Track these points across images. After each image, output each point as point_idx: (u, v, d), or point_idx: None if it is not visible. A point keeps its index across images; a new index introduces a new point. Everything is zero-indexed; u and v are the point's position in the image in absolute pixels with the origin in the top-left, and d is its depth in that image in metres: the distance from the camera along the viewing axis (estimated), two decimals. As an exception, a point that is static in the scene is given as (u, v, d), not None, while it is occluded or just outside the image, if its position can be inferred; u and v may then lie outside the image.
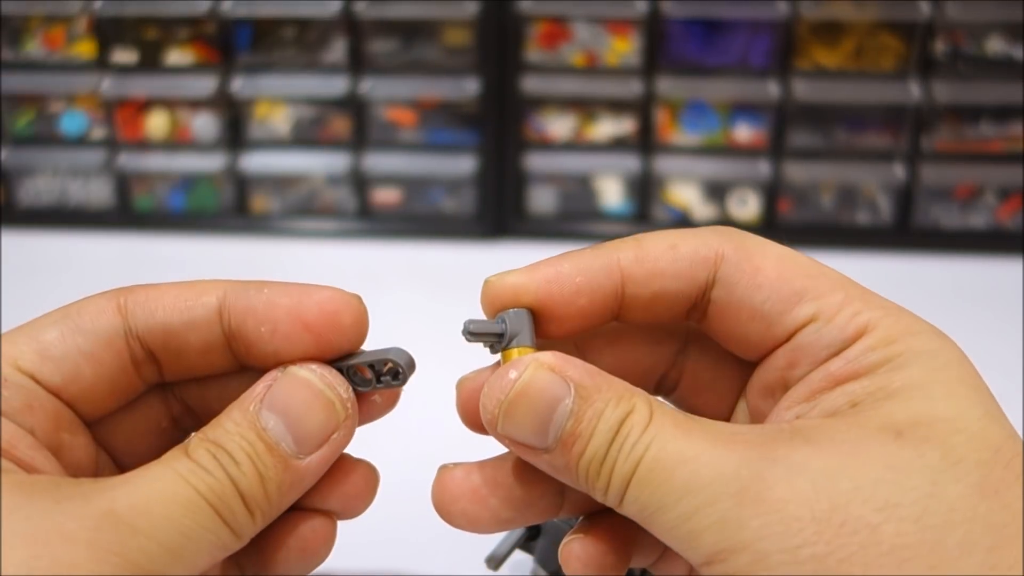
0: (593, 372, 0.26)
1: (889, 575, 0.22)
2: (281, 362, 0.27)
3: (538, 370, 0.26)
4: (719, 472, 0.23)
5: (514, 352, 0.27)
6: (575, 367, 0.26)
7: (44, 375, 0.26)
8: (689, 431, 0.24)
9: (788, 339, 0.27)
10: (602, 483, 0.25)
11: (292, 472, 0.26)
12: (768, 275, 0.27)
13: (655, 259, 0.28)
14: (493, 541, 0.35)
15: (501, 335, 0.27)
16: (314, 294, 0.27)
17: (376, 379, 0.28)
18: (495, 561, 0.34)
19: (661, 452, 0.24)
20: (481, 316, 0.28)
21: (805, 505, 0.23)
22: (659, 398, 0.27)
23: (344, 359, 0.28)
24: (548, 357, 0.26)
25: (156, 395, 0.29)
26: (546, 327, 0.28)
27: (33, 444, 0.25)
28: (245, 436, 0.25)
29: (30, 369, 0.26)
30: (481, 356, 0.55)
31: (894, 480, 0.23)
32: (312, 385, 0.26)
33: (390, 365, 0.28)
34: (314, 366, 0.27)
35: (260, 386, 0.26)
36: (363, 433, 0.54)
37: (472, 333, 0.27)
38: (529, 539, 0.34)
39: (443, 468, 0.29)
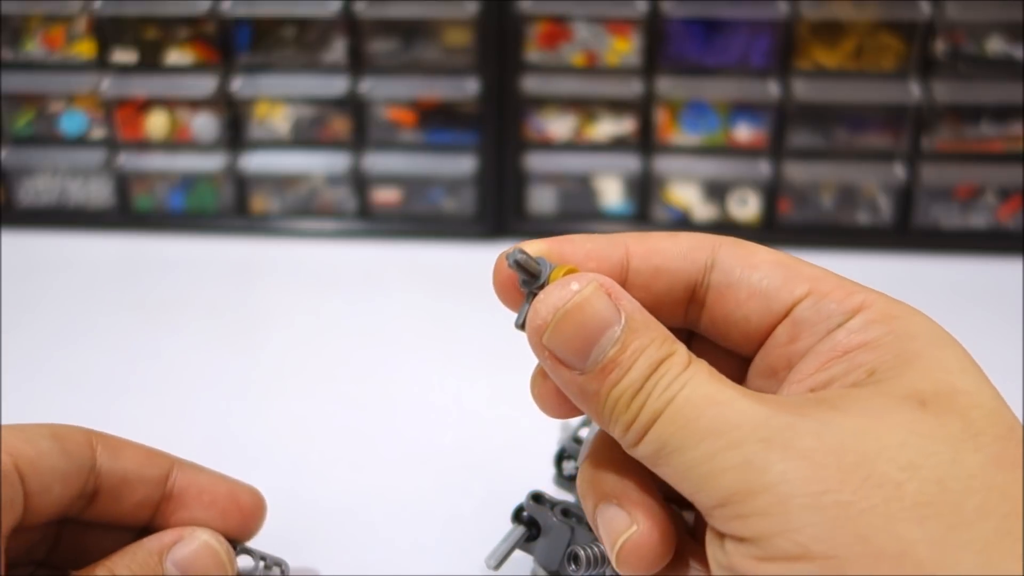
0: (641, 309, 0.27)
1: (909, 528, 0.22)
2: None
3: (598, 291, 0.27)
4: (749, 417, 0.24)
5: (562, 271, 0.28)
6: (629, 300, 0.27)
7: (30, 480, 0.29)
8: (723, 380, 0.25)
9: (787, 314, 0.28)
10: (628, 416, 0.26)
11: None
12: (764, 258, 0.29)
13: (657, 239, 0.30)
14: (493, 541, 0.35)
15: (538, 275, 0.28)
16: (245, 486, 0.35)
17: (264, 567, 0.35)
18: (495, 560, 0.34)
19: (694, 393, 0.25)
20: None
21: (832, 455, 0.23)
22: None
23: (234, 543, 0.34)
24: (608, 281, 0.27)
25: (53, 524, 0.33)
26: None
27: None
28: None
29: (25, 471, 0.29)
30: (479, 358, 0.55)
31: (918, 444, 0.23)
32: (217, 554, 0.32)
33: (277, 569, 0.35)
34: (220, 538, 0.32)
35: (167, 538, 0.31)
36: (364, 434, 0.54)
37: (518, 262, 0.27)
38: (529, 539, 0.34)
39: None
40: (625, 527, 0.27)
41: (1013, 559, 0.22)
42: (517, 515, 0.35)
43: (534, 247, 0.29)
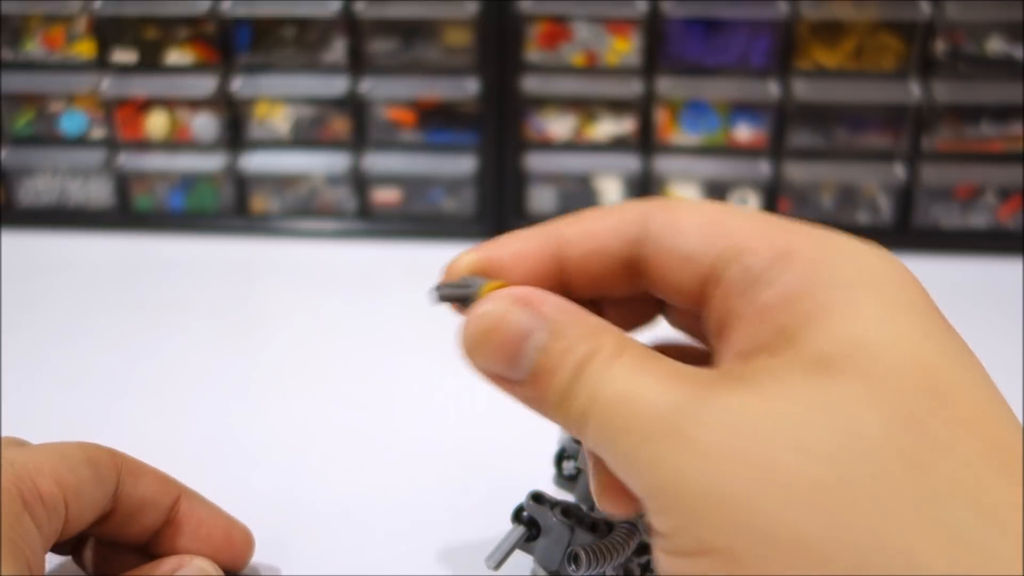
0: (567, 308, 0.27)
1: (801, 514, 0.21)
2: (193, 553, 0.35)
3: (512, 304, 0.27)
4: (658, 411, 0.24)
5: (489, 288, 0.28)
6: (549, 302, 0.27)
7: (71, 508, 0.31)
8: (643, 370, 0.25)
9: (713, 275, 0.27)
10: (566, 419, 0.26)
11: None
12: (689, 219, 0.28)
13: (588, 220, 0.30)
14: (493, 541, 0.35)
15: (468, 297, 0.28)
16: (239, 525, 0.37)
17: None
18: (494, 561, 0.34)
19: (614, 390, 0.24)
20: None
21: (730, 446, 0.22)
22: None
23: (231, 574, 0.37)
24: (522, 291, 0.27)
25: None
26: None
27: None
28: None
29: (69, 501, 0.30)
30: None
31: (813, 420, 0.22)
32: None
33: None
34: (216, 568, 0.35)
35: (166, 567, 0.34)
36: (363, 433, 0.54)
37: (444, 298, 0.28)
38: (529, 539, 0.34)
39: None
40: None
41: (913, 529, 0.21)
42: (517, 515, 0.35)
43: (466, 259, 0.29)
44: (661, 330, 0.32)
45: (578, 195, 0.74)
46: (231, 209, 0.76)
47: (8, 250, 0.73)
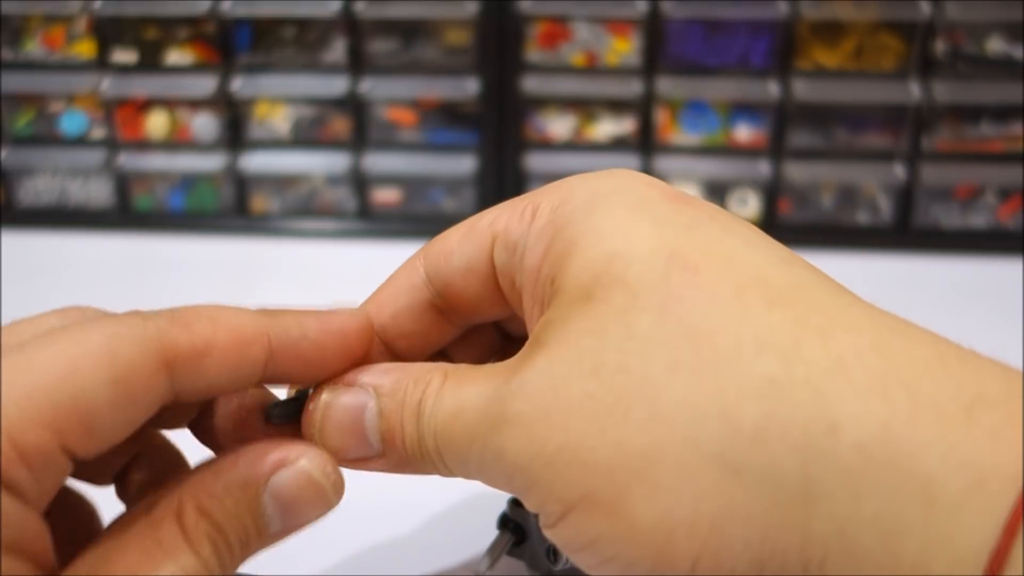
0: (389, 368, 0.27)
1: (617, 431, 0.22)
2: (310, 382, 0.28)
3: (334, 391, 0.27)
4: (477, 409, 0.24)
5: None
6: (370, 372, 0.27)
7: (80, 451, 0.22)
8: (464, 382, 0.25)
9: (491, 271, 0.28)
10: (431, 467, 0.26)
11: (268, 543, 0.26)
12: (455, 240, 0.31)
13: (444, 241, 0.31)
14: (486, 541, 0.35)
15: (300, 405, 0.28)
16: (356, 318, 0.29)
17: None
18: (484, 567, 0.34)
19: (445, 413, 0.25)
20: None
21: (538, 410, 0.23)
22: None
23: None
24: (340, 376, 0.27)
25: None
26: (396, 350, 0.30)
27: (44, 533, 0.22)
28: (243, 521, 0.25)
29: (72, 447, 0.22)
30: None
31: (597, 343, 0.23)
32: (319, 486, 0.26)
33: None
34: (325, 463, 0.26)
35: (267, 465, 0.25)
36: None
37: (279, 416, 0.28)
38: (517, 543, 0.34)
39: None
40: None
41: (685, 408, 0.22)
42: (503, 523, 0.35)
43: (349, 331, 0.28)
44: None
45: (578, 195, 0.74)
46: (231, 209, 0.76)
47: (8, 250, 0.73)
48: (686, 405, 0.22)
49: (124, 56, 0.73)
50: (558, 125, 0.73)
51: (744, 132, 0.72)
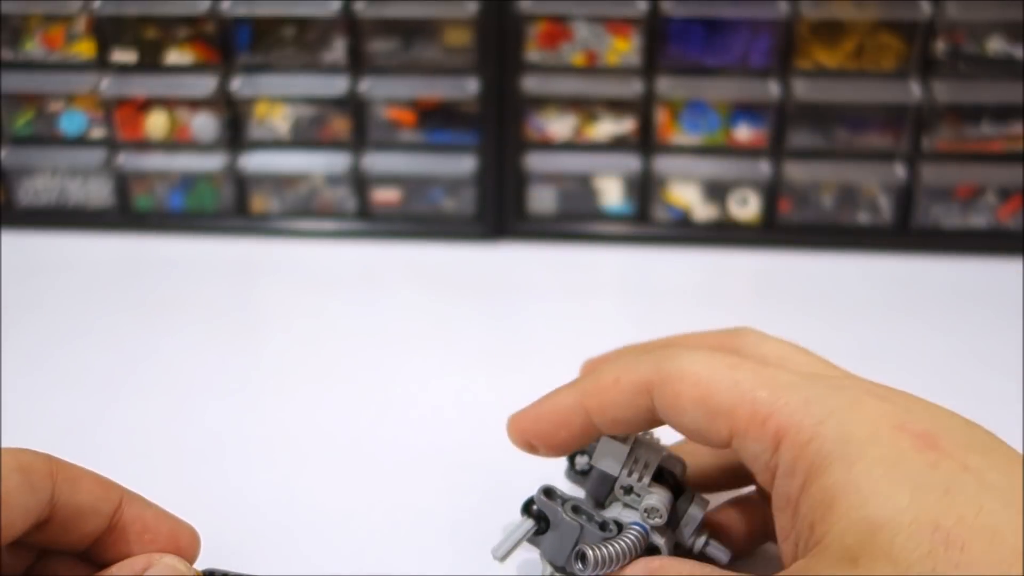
0: (666, 565, 0.31)
1: None
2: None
3: None
4: None
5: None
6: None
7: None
8: None
9: (727, 460, 0.31)
10: None
11: None
12: (688, 398, 0.30)
13: (603, 393, 0.32)
14: (499, 538, 0.35)
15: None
16: (185, 526, 0.35)
17: None
18: (502, 552, 0.34)
19: None
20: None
21: None
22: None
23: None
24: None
25: None
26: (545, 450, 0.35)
27: None
28: None
29: None
30: (479, 358, 0.54)
31: None
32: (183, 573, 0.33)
33: None
34: (186, 563, 0.33)
35: (136, 566, 0.32)
36: (363, 433, 0.54)
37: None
38: (537, 532, 0.34)
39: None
40: None
41: None
42: (527, 508, 0.35)
43: (515, 431, 0.36)
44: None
45: (578, 195, 0.74)
46: (231, 209, 0.76)
47: (8, 250, 0.73)
48: None
49: (124, 56, 0.73)
50: (558, 125, 0.73)
51: (744, 132, 0.72)
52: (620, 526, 0.34)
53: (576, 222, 0.75)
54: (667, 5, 0.68)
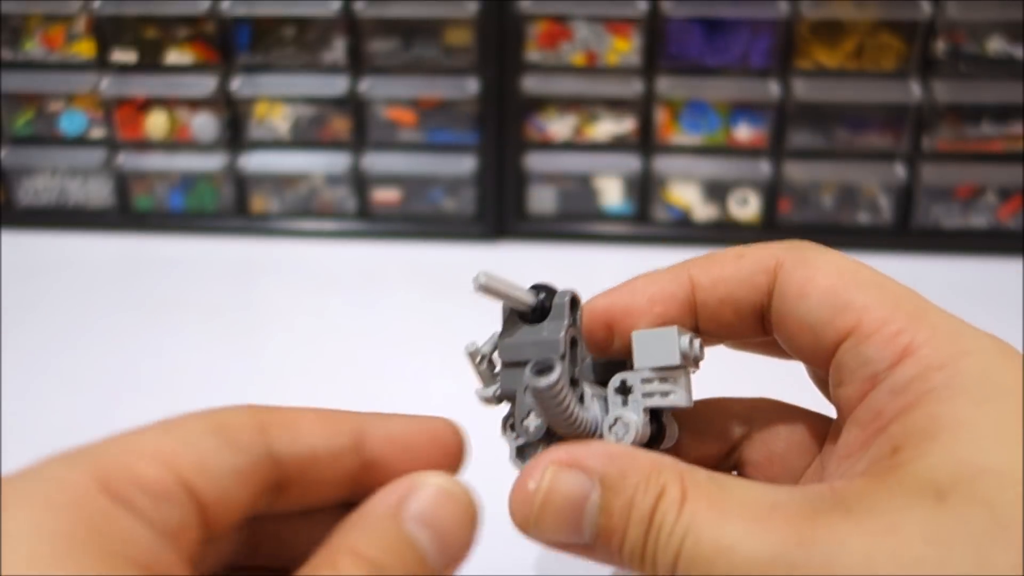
0: (615, 455, 0.25)
1: None
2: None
3: (557, 472, 0.25)
4: (756, 561, 0.22)
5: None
6: (594, 456, 0.25)
7: (202, 490, 0.23)
8: (725, 512, 0.23)
9: (833, 353, 0.26)
10: (650, 572, 0.24)
11: None
12: (817, 284, 0.26)
13: (721, 265, 0.28)
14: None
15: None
16: (439, 422, 0.28)
17: None
18: (487, 279, 0.28)
19: (698, 544, 0.23)
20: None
21: None
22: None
23: None
24: (562, 453, 0.25)
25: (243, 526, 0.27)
26: (622, 338, 0.29)
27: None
28: (400, 554, 0.24)
29: (193, 482, 0.23)
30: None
31: (937, 556, 0.21)
32: (455, 496, 0.25)
33: None
34: (455, 479, 0.26)
35: (393, 496, 0.25)
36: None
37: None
38: (523, 317, 0.30)
39: None
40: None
41: None
42: (536, 288, 0.30)
43: (601, 305, 0.29)
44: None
45: (578, 195, 0.74)
46: (231, 209, 0.76)
47: (8, 250, 0.73)
48: None
49: (124, 56, 0.73)
50: (558, 125, 0.73)
51: (744, 132, 0.72)
52: (584, 399, 0.29)
53: (576, 222, 0.75)
54: (667, 5, 0.68)
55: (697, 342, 0.28)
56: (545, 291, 0.29)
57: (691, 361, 0.28)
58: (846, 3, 0.67)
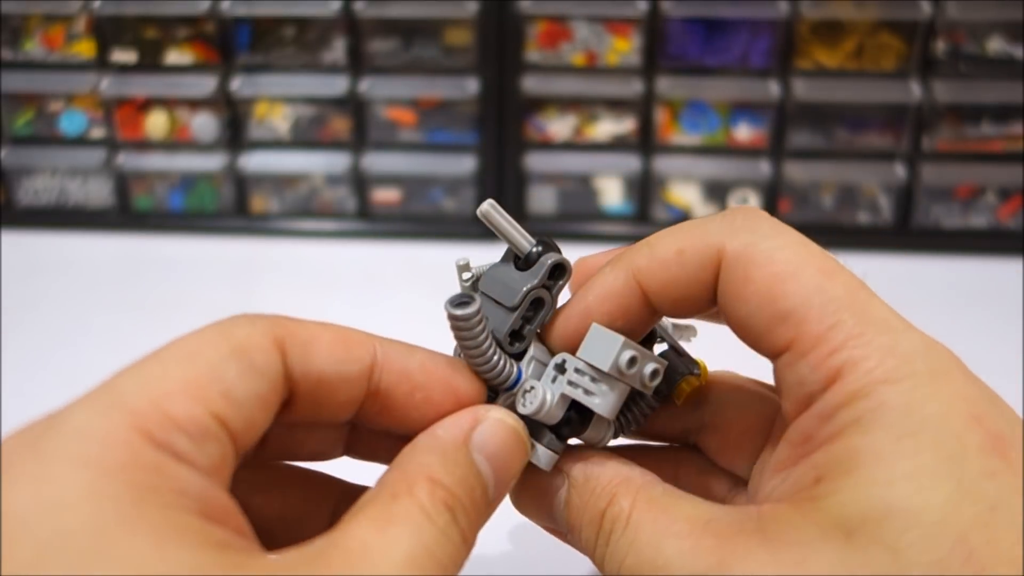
0: (588, 460, 0.28)
1: None
2: (415, 428, 0.26)
3: (549, 462, 0.28)
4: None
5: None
6: (570, 454, 0.28)
7: (232, 422, 0.23)
8: (665, 530, 0.24)
9: (774, 359, 0.25)
10: (605, 572, 0.26)
11: (491, 510, 0.26)
12: (757, 287, 0.25)
13: (664, 267, 0.27)
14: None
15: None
16: (461, 371, 0.28)
17: None
18: (491, 208, 0.30)
19: (638, 558, 0.25)
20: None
21: None
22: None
23: None
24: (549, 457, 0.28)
25: None
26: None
27: (234, 507, 0.23)
28: (470, 483, 0.25)
29: (221, 413, 0.23)
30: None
31: None
32: (513, 429, 0.26)
33: None
34: (512, 414, 0.27)
35: (464, 424, 0.26)
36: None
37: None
38: (516, 260, 0.31)
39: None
40: None
41: None
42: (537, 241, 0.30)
43: (565, 316, 0.29)
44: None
45: (578, 195, 0.74)
46: (231, 209, 0.76)
47: (8, 250, 0.73)
48: None
49: (123, 56, 0.73)
50: (558, 125, 0.73)
51: (744, 132, 0.72)
52: (518, 358, 0.29)
53: (576, 222, 0.74)
54: (667, 5, 0.68)
55: (648, 369, 0.27)
56: (543, 246, 0.30)
57: (630, 378, 0.27)
58: (846, 3, 0.67)
